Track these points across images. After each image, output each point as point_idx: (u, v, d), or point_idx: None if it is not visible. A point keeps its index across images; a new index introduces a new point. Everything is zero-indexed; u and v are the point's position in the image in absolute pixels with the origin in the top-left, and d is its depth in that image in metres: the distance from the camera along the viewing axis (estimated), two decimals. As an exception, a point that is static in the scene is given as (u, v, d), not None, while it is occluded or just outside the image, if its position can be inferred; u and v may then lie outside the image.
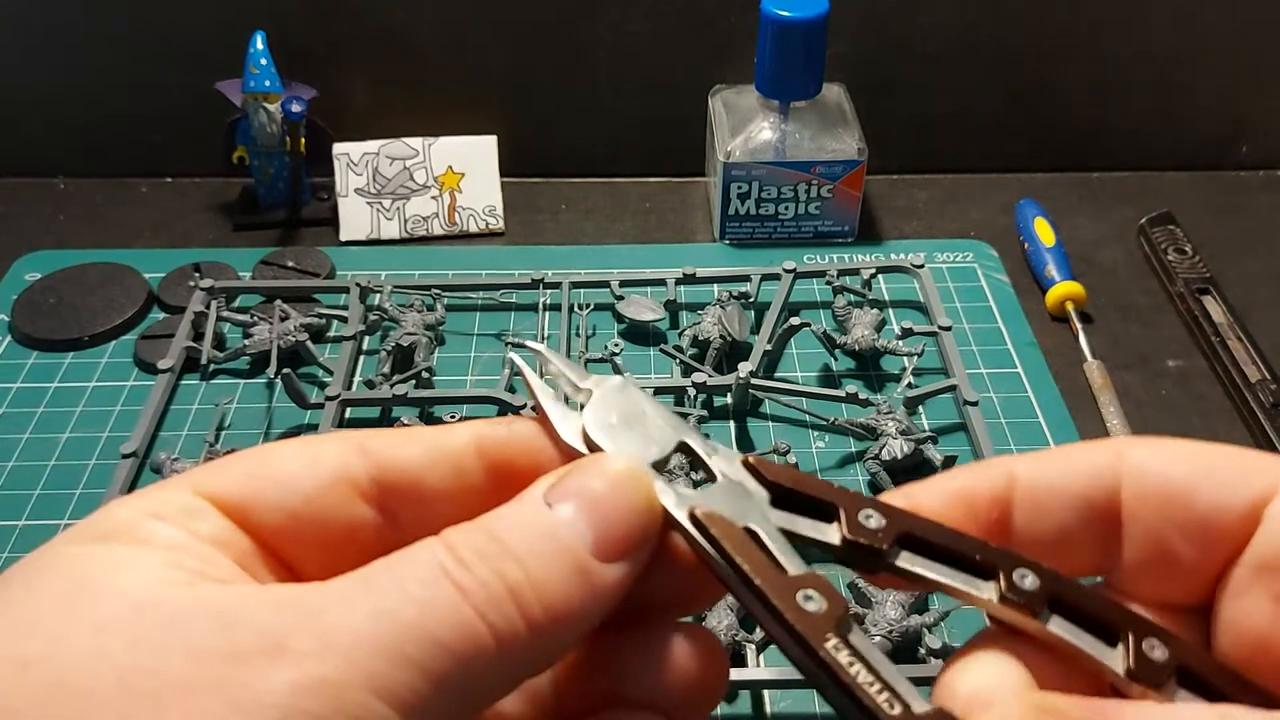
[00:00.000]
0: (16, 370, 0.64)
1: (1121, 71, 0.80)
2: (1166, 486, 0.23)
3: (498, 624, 0.20)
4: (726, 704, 0.47)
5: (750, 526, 0.23)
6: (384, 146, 0.76)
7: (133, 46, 0.78)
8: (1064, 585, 0.23)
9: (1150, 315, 0.69)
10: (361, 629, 0.19)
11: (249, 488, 0.23)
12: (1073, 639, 0.23)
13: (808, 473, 0.25)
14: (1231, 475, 0.23)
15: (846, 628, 0.22)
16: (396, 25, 0.77)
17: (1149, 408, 0.63)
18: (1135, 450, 0.24)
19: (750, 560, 0.22)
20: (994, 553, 0.23)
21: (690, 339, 0.63)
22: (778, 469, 0.25)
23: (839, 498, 0.24)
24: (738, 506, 0.24)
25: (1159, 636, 0.23)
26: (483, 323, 0.67)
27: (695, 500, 0.23)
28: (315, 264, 0.71)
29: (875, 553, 0.23)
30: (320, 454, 0.23)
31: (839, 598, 0.22)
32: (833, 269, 0.67)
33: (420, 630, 0.20)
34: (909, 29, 0.78)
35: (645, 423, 0.25)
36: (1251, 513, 0.23)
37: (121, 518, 0.21)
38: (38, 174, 0.81)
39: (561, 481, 0.23)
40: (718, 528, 0.23)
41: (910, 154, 0.81)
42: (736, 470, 0.25)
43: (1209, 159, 0.83)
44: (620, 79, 0.80)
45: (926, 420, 0.60)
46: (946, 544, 0.24)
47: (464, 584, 0.20)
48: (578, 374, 0.26)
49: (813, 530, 0.24)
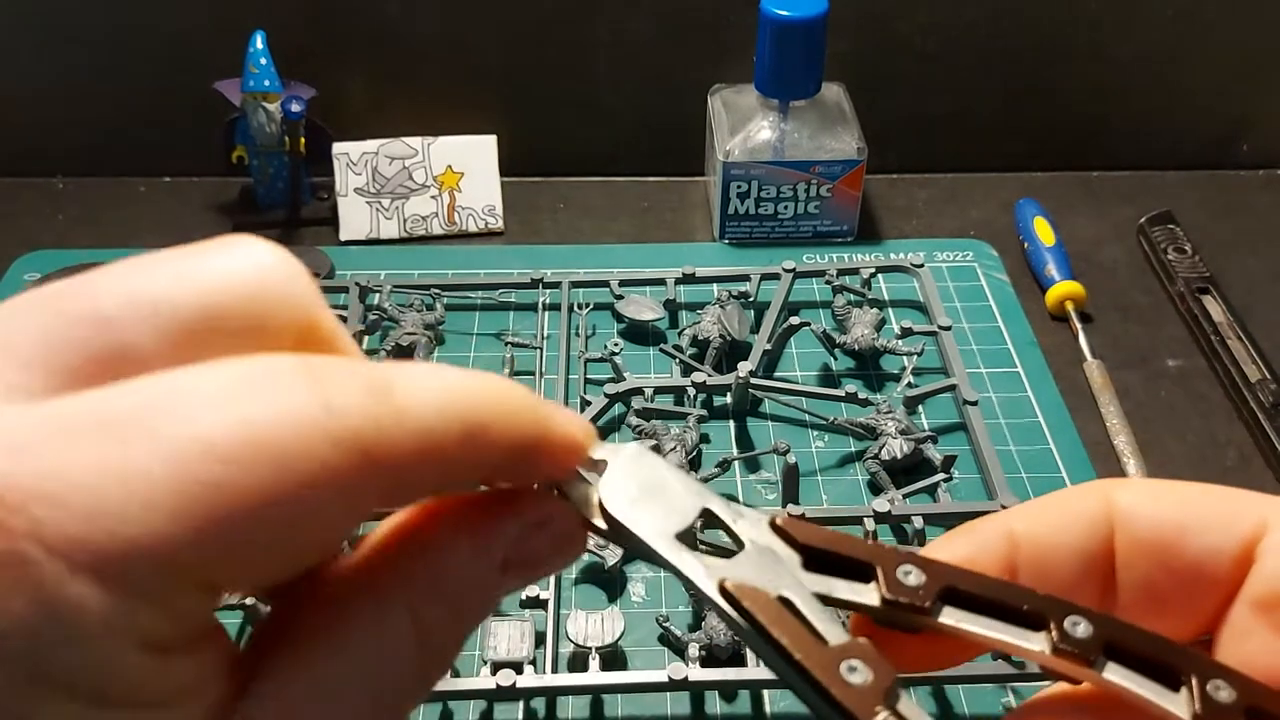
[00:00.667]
0: (15, 370, 0.64)
1: (1121, 71, 0.80)
2: (1157, 532, 0.23)
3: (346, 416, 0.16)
4: (726, 704, 0.47)
5: (784, 595, 0.22)
6: (383, 146, 0.76)
7: (132, 46, 0.78)
8: (1118, 629, 0.22)
9: (1150, 315, 0.69)
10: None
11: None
12: (1133, 686, 0.22)
13: (839, 532, 0.24)
14: (1220, 516, 0.23)
15: (895, 698, 0.21)
16: (396, 25, 0.77)
17: (1149, 407, 0.62)
18: (1123, 494, 0.24)
19: (788, 633, 0.21)
20: (1042, 601, 0.22)
21: (690, 338, 0.63)
22: (808, 529, 0.23)
23: (875, 555, 0.23)
24: (769, 574, 0.22)
25: (1224, 677, 0.22)
26: (482, 322, 0.67)
27: (724, 571, 0.22)
28: (315, 263, 0.71)
29: (918, 610, 0.22)
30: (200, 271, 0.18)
31: (885, 666, 0.21)
32: (832, 268, 0.67)
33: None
34: (908, 28, 0.78)
35: (666, 491, 0.24)
36: (1244, 552, 0.23)
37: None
38: (36, 174, 0.81)
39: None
40: (750, 600, 0.22)
41: (910, 153, 0.81)
42: (764, 534, 0.23)
43: (1209, 158, 0.83)
44: (620, 78, 0.80)
45: (926, 420, 0.60)
46: (992, 596, 0.22)
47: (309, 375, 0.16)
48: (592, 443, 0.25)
49: (850, 592, 0.23)
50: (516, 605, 0.49)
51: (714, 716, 0.47)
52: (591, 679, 0.46)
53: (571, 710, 0.47)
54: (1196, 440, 0.61)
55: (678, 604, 0.51)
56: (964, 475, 0.56)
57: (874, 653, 0.21)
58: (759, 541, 0.23)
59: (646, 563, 0.20)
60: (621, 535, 0.23)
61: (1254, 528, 0.23)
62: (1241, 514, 0.23)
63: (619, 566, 0.52)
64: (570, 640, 0.47)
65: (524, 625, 0.47)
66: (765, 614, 0.21)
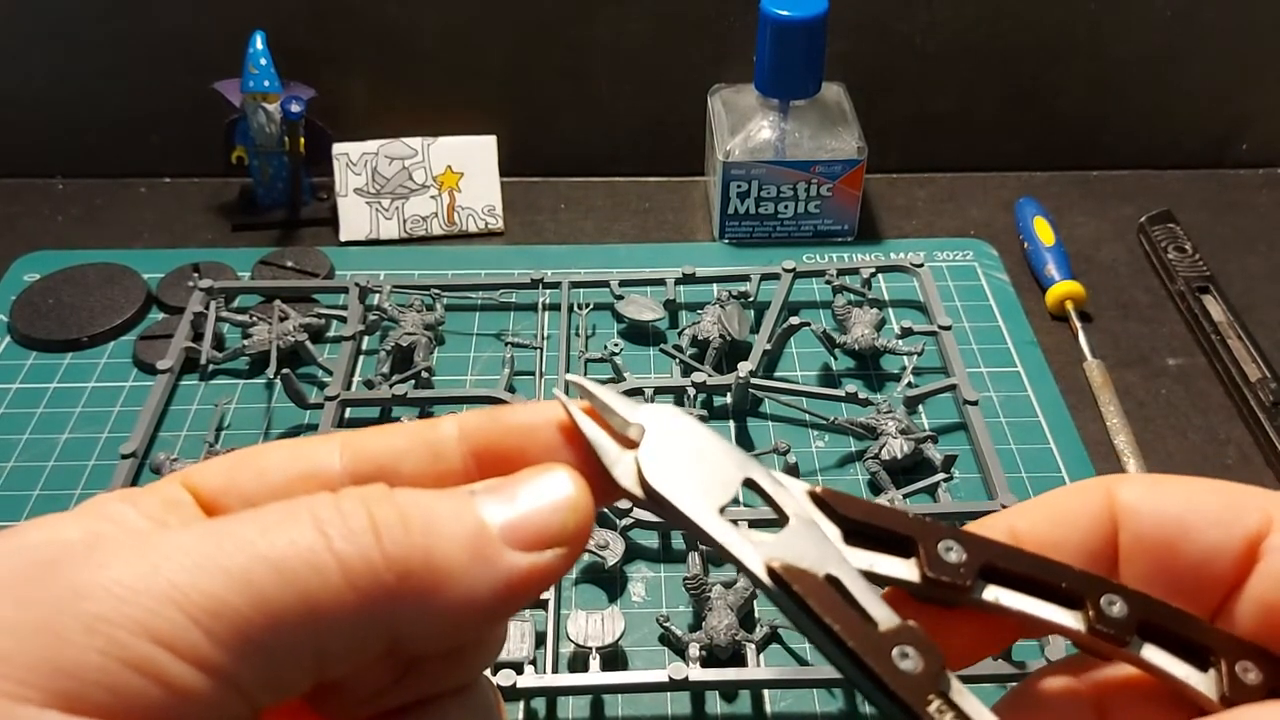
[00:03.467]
0: (16, 371, 0.64)
1: (1121, 70, 0.80)
2: (1160, 529, 0.23)
3: (346, 552, 0.19)
4: (727, 703, 0.47)
5: (832, 573, 0.22)
6: (383, 146, 0.76)
7: (131, 47, 0.78)
8: (1153, 608, 0.22)
9: (1150, 314, 0.69)
10: (184, 543, 0.18)
11: (226, 479, 0.22)
12: (1165, 665, 0.22)
13: (880, 504, 0.23)
14: (1224, 513, 0.23)
15: (946, 684, 0.21)
16: (396, 25, 0.77)
17: (1149, 406, 0.62)
18: (1125, 490, 0.24)
19: (840, 619, 0.21)
20: (1080, 579, 0.23)
21: (690, 338, 0.63)
22: (849, 501, 0.23)
23: (916, 530, 0.23)
24: (814, 551, 0.22)
25: (1254, 658, 0.22)
26: (482, 323, 0.67)
27: (771, 550, 0.22)
28: (314, 264, 0.71)
29: (959, 588, 0.22)
30: (302, 449, 0.23)
31: (934, 650, 0.21)
32: (832, 268, 0.67)
33: (247, 547, 0.18)
34: (908, 28, 0.78)
35: (708, 459, 0.23)
36: (1247, 549, 0.23)
37: (99, 498, 0.21)
38: (36, 174, 0.81)
39: (497, 482, 0.22)
40: (800, 583, 0.21)
41: (910, 153, 0.81)
42: (805, 506, 0.23)
43: (1208, 157, 0.83)
44: (619, 78, 0.80)
45: (926, 419, 0.60)
46: (1031, 573, 0.23)
47: (322, 515, 0.19)
48: (626, 407, 0.23)
49: (891, 567, 0.23)
50: (517, 605, 0.49)
51: (714, 716, 0.47)
52: (592, 679, 0.46)
53: (572, 710, 0.47)
54: (1197, 439, 0.61)
55: (678, 604, 0.51)
56: (964, 475, 0.56)
57: (924, 638, 0.21)
58: (801, 514, 0.23)
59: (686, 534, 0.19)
60: (664, 508, 0.22)
61: (1258, 525, 0.22)
62: (1245, 510, 0.23)
63: (619, 566, 0.52)
64: (570, 640, 0.47)
65: (524, 625, 0.47)
66: (816, 598, 0.21)
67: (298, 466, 0.22)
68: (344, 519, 0.19)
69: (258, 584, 0.18)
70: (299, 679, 0.19)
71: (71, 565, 0.18)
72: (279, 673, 0.18)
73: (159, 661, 0.17)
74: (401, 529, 0.19)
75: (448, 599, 0.20)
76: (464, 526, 0.20)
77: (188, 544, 0.18)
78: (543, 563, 0.21)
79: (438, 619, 0.20)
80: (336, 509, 0.19)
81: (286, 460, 0.22)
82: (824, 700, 0.47)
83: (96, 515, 0.20)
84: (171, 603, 0.17)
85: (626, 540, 0.52)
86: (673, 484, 0.22)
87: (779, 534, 0.22)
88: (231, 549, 0.18)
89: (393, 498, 0.20)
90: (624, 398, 0.24)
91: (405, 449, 0.23)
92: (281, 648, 0.18)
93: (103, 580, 0.18)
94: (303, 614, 0.18)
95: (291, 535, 0.19)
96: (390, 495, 0.20)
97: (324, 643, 0.19)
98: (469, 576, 0.20)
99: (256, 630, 0.18)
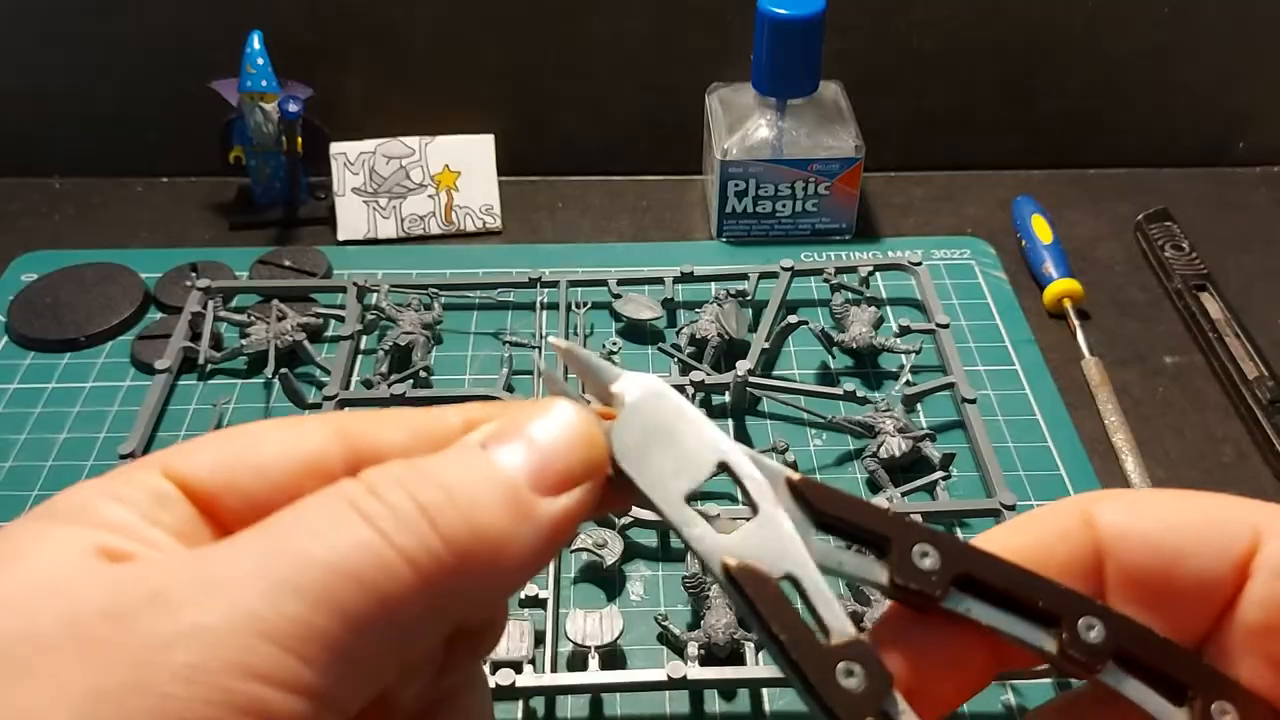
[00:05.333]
0: (13, 371, 0.64)
1: (1118, 68, 0.80)
2: (1146, 557, 0.22)
3: (409, 546, 0.18)
4: (725, 702, 0.47)
5: (792, 573, 0.21)
6: (381, 146, 0.76)
7: (129, 46, 0.78)
8: (1133, 635, 0.21)
9: (1147, 312, 0.69)
10: (247, 567, 0.18)
11: (221, 474, 0.21)
12: (1135, 697, 0.21)
13: (857, 497, 0.23)
14: (1211, 534, 0.22)
15: (892, 704, 0.20)
16: (393, 24, 0.77)
17: (1146, 404, 0.63)
18: (1106, 513, 0.23)
19: (787, 627, 0.20)
20: (1060, 596, 0.22)
21: (688, 337, 0.63)
22: (824, 493, 0.22)
23: (892, 530, 0.22)
24: (778, 546, 0.21)
25: (1233, 699, 0.21)
26: (480, 322, 0.67)
27: (731, 545, 0.21)
28: (312, 263, 0.71)
29: (928, 597, 0.21)
30: (297, 438, 0.22)
31: (882, 672, 0.20)
32: (830, 267, 0.67)
33: (314, 560, 0.18)
34: (905, 26, 0.78)
35: (681, 439, 0.22)
36: (1237, 570, 0.22)
37: (80, 496, 0.20)
38: (33, 174, 0.81)
39: (499, 427, 0.21)
40: (753, 586, 0.21)
41: (907, 151, 0.81)
42: (780, 494, 0.22)
43: (1206, 155, 0.83)
44: (617, 77, 0.80)
45: (924, 418, 0.60)
46: (1009, 586, 0.22)
47: (369, 509, 0.19)
48: (607, 374, 0.23)
49: (860, 568, 0.22)
50: (516, 605, 0.49)
51: (713, 715, 0.47)
52: (591, 678, 0.46)
53: (571, 709, 0.47)
54: (1194, 437, 0.61)
55: (676, 603, 0.51)
56: (962, 473, 0.57)
57: (873, 655, 0.20)
58: (771, 504, 0.22)
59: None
60: (631, 488, 0.22)
61: (1246, 543, 0.22)
62: (1232, 528, 0.22)
63: (617, 565, 0.52)
64: (569, 639, 0.47)
65: (523, 624, 0.47)
66: (766, 603, 0.21)
67: (295, 462, 0.22)
68: (392, 510, 0.19)
69: (337, 597, 0.18)
70: (385, 678, 0.19)
71: (138, 614, 0.17)
72: (369, 678, 0.18)
73: (265, 698, 0.17)
74: (450, 508, 0.19)
75: (503, 567, 0.20)
76: (497, 488, 0.20)
77: (250, 566, 0.18)
78: (575, 504, 0.21)
79: (495, 588, 0.20)
80: (380, 499, 0.19)
81: (282, 453, 0.22)
82: None
83: (92, 523, 0.19)
84: (261, 636, 0.17)
85: (625, 539, 0.52)
86: (641, 464, 0.22)
87: (744, 526, 0.22)
88: (297, 564, 0.18)
89: (428, 474, 0.20)
90: (604, 364, 0.23)
91: (408, 446, 0.22)
92: (369, 655, 0.18)
93: (183, 626, 0.17)
94: (383, 617, 0.18)
95: (349, 538, 0.18)
96: (424, 472, 0.20)
97: (404, 639, 0.19)
98: (516, 539, 0.20)
99: (345, 644, 0.18)
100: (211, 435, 0.22)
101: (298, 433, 0.22)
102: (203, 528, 0.21)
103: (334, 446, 0.22)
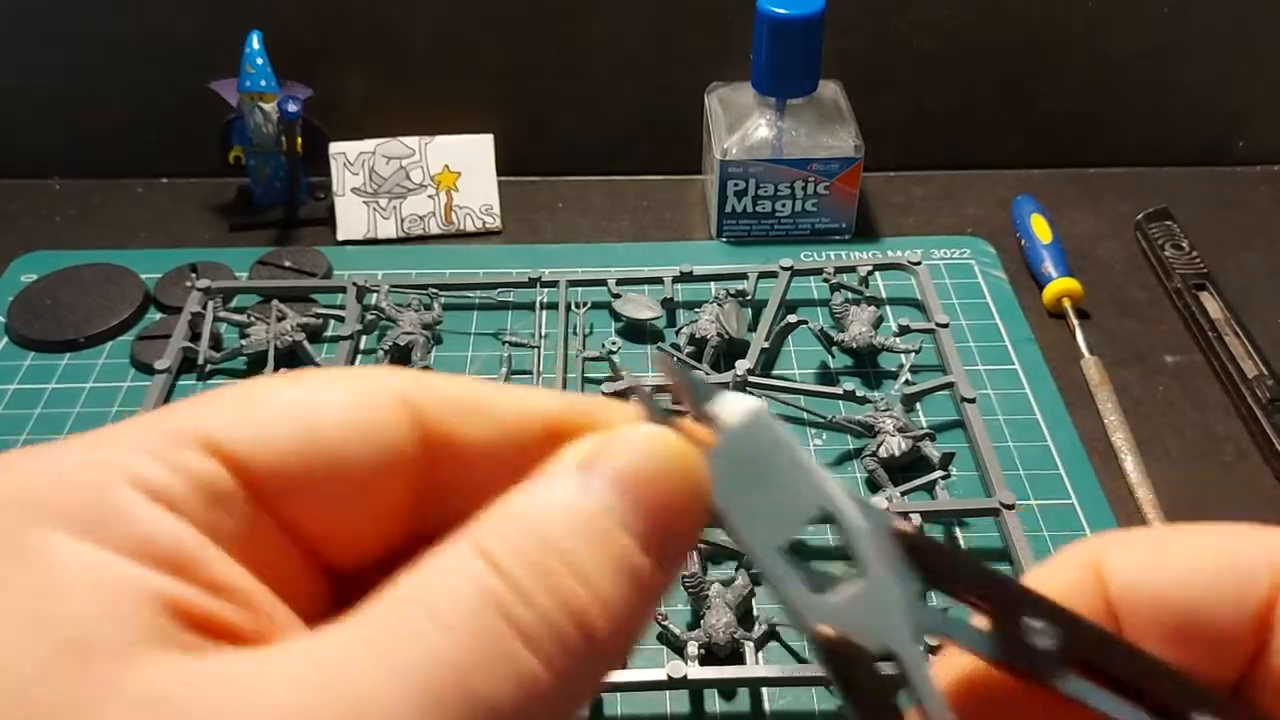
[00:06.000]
0: (13, 372, 0.64)
1: (1118, 67, 0.80)
2: (1162, 611, 0.21)
3: (558, 660, 0.16)
4: (725, 701, 0.47)
5: (892, 649, 0.19)
6: (380, 146, 0.76)
7: (128, 47, 0.78)
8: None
9: (1147, 311, 0.69)
10: (395, 691, 0.15)
11: (293, 463, 0.18)
12: None
13: (969, 555, 0.21)
14: (1230, 578, 0.20)
15: None
16: (392, 24, 0.77)
17: (1146, 404, 0.63)
18: (1114, 562, 0.21)
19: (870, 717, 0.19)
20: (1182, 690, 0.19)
21: (688, 337, 0.63)
22: (933, 549, 0.20)
23: (1001, 598, 0.20)
24: (880, 612, 0.19)
25: None
26: (480, 322, 0.67)
27: (831, 609, 0.19)
28: (312, 264, 0.71)
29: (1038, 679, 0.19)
30: (360, 411, 0.19)
31: None
32: (830, 266, 0.67)
33: (479, 703, 0.15)
34: (905, 26, 0.78)
35: (782, 479, 0.20)
36: (1259, 623, 0.20)
37: (95, 475, 0.17)
38: (33, 175, 0.81)
39: (595, 456, 0.18)
40: (847, 663, 0.19)
41: (907, 150, 0.81)
42: (883, 544, 0.20)
43: (1206, 154, 0.83)
44: (617, 77, 0.80)
45: (924, 417, 0.60)
46: (1127, 675, 0.20)
47: (523, 621, 0.16)
48: (705, 391, 0.20)
49: (969, 639, 0.20)
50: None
51: (713, 715, 0.47)
52: (590, 678, 0.46)
53: (571, 709, 0.47)
54: (1194, 436, 0.61)
55: (676, 602, 0.51)
56: (962, 472, 0.57)
57: None
58: (880, 562, 0.20)
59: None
60: (726, 528, 0.20)
61: (1268, 588, 0.20)
62: (1250, 576, 0.20)
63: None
64: (569, 639, 0.47)
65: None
66: (856, 689, 0.19)
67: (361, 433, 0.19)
68: (548, 629, 0.16)
69: None
70: None
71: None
72: None
73: None
74: (599, 614, 0.17)
75: (621, 644, 0.18)
76: (626, 571, 0.17)
77: (398, 691, 0.15)
78: (675, 571, 0.19)
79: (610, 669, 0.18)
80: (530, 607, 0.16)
81: (357, 439, 0.19)
82: (822, 698, 0.47)
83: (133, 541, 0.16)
84: None
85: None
86: (739, 502, 0.19)
87: (844, 589, 0.19)
88: (446, 694, 0.15)
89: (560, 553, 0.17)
90: (705, 379, 0.22)
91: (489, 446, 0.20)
92: None
93: None
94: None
95: (510, 670, 0.16)
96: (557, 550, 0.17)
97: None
98: (633, 616, 0.18)
99: None
100: (258, 392, 0.19)
101: (362, 403, 0.19)
102: (261, 531, 0.18)
103: (404, 426, 0.19)
